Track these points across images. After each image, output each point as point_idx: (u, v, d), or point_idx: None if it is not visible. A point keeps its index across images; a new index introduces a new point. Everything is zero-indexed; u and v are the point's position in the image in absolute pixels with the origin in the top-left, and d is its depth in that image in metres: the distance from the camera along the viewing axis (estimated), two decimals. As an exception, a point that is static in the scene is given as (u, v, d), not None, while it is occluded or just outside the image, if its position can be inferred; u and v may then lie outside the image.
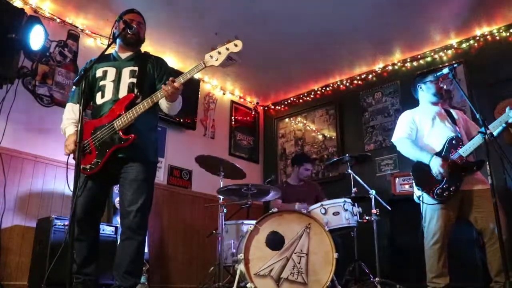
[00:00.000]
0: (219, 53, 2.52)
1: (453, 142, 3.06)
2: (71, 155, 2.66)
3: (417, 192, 3.12)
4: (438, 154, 3.06)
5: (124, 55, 2.85)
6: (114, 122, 2.58)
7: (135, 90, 2.69)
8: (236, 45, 2.52)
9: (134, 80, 2.72)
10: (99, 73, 2.78)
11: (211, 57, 2.53)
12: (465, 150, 2.99)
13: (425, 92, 3.35)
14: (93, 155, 2.61)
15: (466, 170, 3.00)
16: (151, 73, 2.80)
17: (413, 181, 3.13)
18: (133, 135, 2.56)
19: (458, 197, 2.99)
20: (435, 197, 2.97)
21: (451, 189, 2.95)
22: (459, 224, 3.06)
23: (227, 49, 2.52)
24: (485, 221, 2.90)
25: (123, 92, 2.69)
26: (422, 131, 3.25)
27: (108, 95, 2.71)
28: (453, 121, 3.21)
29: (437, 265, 2.93)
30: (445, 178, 2.96)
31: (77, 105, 2.79)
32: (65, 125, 2.80)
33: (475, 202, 2.97)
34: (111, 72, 2.77)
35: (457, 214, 3.01)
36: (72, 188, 2.10)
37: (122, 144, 2.56)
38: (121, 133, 2.57)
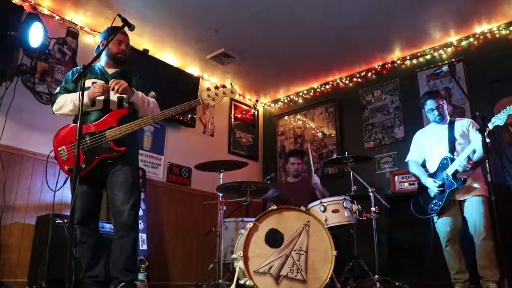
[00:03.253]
0: (216, 94, 2.88)
1: (444, 162, 3.45)
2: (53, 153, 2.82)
3: None
4: (432, 174, 3.54)
5: (110, 71, 3.02)
6: (106, 132, 2.74)
7: (129, 106, 2.89)
8: (232, 92, 2.92)
9: (124, 96, 2.88)
10: (88, 83, 2.87)
11: (209, 96, 2.88)
12: (450, 169, 3.37)
13: (428, 116, 3.75)
14: (81, 158, 2.71)
15: (452, 186, 3.37)
16: (137, 89, 2.96)
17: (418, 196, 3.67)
18: (124, 147, 2.76)
19: (455, 207, 3.41)
20: (430, 211, 3.48)
21: (439, 203, 3.42)
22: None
23: (224, 93, 2.90)
24: (471, 223, 3.32)
25: (113, 103, 2.88)
26: (427, 153, 3.71)
27: (99, 104, 2.86)
28: (452, 139, 3.49)
29: (454, 264, 3.35)
30: (435, 195, 3.45)
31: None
32: (70, 96, 2.86)
33: (465, 209, 3.39)
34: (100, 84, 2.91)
35: (457, 219, 3.41)
36: (52, 186, 2.39)
37: (114, 154, 2.75)
38: (112, 144, 2.74)
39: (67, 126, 2.85)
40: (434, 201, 3.46)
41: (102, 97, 2.85)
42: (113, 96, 2.87)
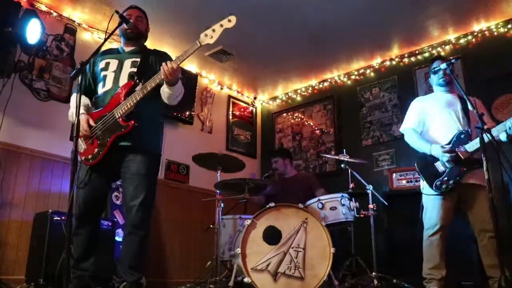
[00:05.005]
0: (213, 30, 2.54)
1: (462, 136, 3.03)
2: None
3: (421, 183, 3.15)
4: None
5: (127, 49, 2.87)
6: (115, 111, 2.58)
7: (135, 77, 2.67)
8: (229, 21, 2.54)
9: (135, 69, 2.72)
10: (102, 65, 2.78)
11: (206, 35, 2.54)
12: (471, 145, 2.96)
13: (432, 80, 3.35)
14: (95, 145, 2.61)
15: (468, 165, 2.97)
16: (153, 64, 2.79)
17: (418, 172, 3.15)
18: (132, 121, 2.55)
19: (457, 190, 3.00)
20: (435, 188, 2.99)
21: (450, 182, 2.97)
22: (456, 219, 3.07)
23: (221, 25, 2.54)
24: (475, 218, 2.97)
25: (123, 81, 2.69)
26: (430, 121, 3.22)
27: (109, 84, 2.71)
28: (466, 112, 3.14)
29: (434, 256, 2.95)
30: (446, 171, 2.98)
31: (84, 95, 2.76)
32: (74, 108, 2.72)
33: (471, 196, 3.00)
34: (113, 63, 2.77)
35: (455, 206, 3.04)
36: (74, 179, 2.10)
37: (122, 132, 2.56)
38: (121, 121, 2.57)
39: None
40: (444, 178, 2.98)
41: (112, 75, 2.71)
42: (124, 73, 2.71)
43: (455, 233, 3.06)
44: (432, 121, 3.21)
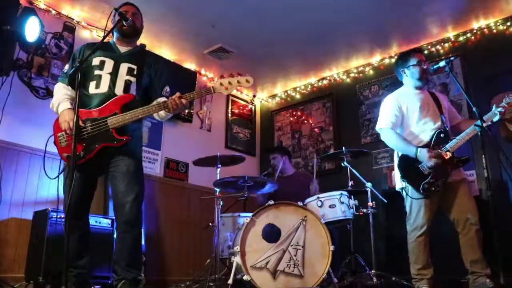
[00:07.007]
0: (230, 83, 2.62)
1: (441, 135, 3.01)
2: (51, 140, 2.65)
3: (401, 184, 3.12)
4: (425, 146, 3.01)
5: (122, 49, 2.83)
6: (108, 119, 2.56)
7: (135, 92, 2.69)
8: (247, 81, 2.67)
9: (132, 78, 2.71)
10: (95, 61, 2.73)
11: (222, 85, 2.61)
12: (452, 144, 2.95)
13: (409, 77, 3.27)
14: (80, 146, 2.56)
15: (453, 165, 2.97)
16: (148, 73, 2.80)
17: (399, 174, 3.10)
18: (127, 137, 2.58)
19: (441, 190, 2.97)
20: (422, 191, 2.93)
21: (438, 183, 2.92)
22: (443, 216, 3.06)
23: (238, 82, 2.64)
24: (460, 211, 2.95)
25: (119, 87, 2.68)
26: (408, 120, 3.15)
27: (104, 87, 2.67)
28: (439, 108, 3.15)
29: (422, 257, 2.96)
30: (431, 173, 2.92)
31: (69, 87, 2.72)
32: (60, 99, 2.70)
33: (453, 192, 2.99)
34: (109, 64, 2.73)
35: (438, 204, 3.04)
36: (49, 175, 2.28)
37: (115, 144, 2.57)
38: (114, 132, 2.56)
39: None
40: (431, 180, 2.92)
41: (108, 78, 2.67)
42: (120, 79, 2.68)
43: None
44: (412, 119, 3.14)
